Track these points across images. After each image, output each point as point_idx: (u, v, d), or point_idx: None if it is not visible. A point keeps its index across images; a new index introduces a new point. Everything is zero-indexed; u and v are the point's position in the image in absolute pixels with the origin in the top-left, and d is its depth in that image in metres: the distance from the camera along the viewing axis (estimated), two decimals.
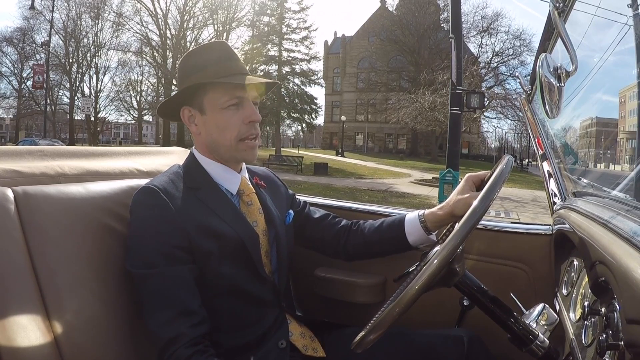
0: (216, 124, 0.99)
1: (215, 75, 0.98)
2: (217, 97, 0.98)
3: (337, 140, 41.92)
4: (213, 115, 0.99)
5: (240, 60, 1.04)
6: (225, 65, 1.00)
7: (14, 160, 1.02)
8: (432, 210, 1.07)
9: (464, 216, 0.73)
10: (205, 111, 1.00)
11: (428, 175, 20.23)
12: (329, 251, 1.19)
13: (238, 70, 1.01)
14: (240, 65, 1.03)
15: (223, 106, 0.98)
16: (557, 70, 0.98)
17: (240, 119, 0.99)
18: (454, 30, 7.29)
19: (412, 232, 1.08)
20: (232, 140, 0.99)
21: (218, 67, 0.99)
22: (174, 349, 0.85)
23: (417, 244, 1.09)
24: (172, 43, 33.24)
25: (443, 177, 7.29)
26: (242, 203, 1.04)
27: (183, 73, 1.03)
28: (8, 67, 35.01)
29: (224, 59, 1.00)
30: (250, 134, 1.00)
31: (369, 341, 0.72)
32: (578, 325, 0.79)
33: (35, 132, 41.38)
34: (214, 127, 1.00)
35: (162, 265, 0.89)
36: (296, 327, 1.06)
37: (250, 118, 0.99)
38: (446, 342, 1.03)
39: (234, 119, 0.99)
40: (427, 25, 36.75)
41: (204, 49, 1.03)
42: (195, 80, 0.99)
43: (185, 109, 1.03)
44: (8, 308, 0.79)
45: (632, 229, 0.67)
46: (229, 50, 1.03)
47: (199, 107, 1.01)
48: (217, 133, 1.00)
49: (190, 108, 1.02)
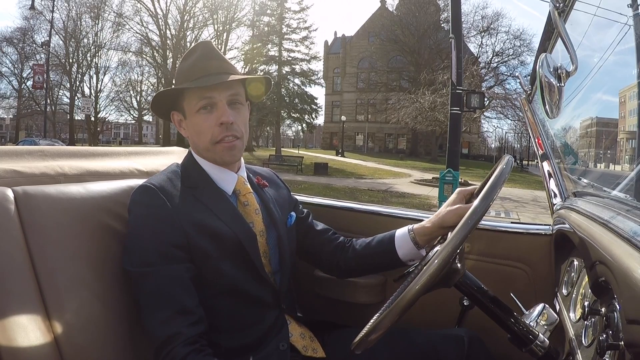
0: (194, 127, 1.00)
1: (190, 77, 0.98)
2: (189, 101, 0.99)
3: (337, 140, 41.90)
4: (191, 119, 1.00)
5: (222, 58, 1.01)
6: (198, 67, 0.98)
7: (14, 160, 1.02)
8: (422, 224, 1.06)
9: (465, 216, 0.73)
10: (186, 115, 1.01)
11: (428, 175, 20.22)
12: (325, 266, 1.19)
13: (210, 71, 0.98)
14: (218, 64, 0.99)
15: (195, 109, 0.98)
16: (557, 70, 0.97)
17: (212, 122, 0.97)
18: (454, 30, 7.29)
19: (402, 246, 1.07)
20: (207, 144, 0.99)
21: (191, 70, 0.98)
22: (170, 348, 0.85)
23: (407, 258, 1.08)
24: (172, 43, 33.26)
25: (443, 177, 7.29)
26: (239, 203, 1.04)
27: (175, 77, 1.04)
28: (8, 67, 35.04)
29: (198, 60, 0.99)
30: (225, 136, 0.98)
31: (369, 341, 0.72)
32: (578, 325, 0.79)
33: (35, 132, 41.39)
34: (193, 131, 1.01)
35: (159, 264, 0.89)
36: (296, 327, 1.06)
37: (220, 119, 0.96)
38: (446, 342, 1.03)
39: (207, 122, 0.97)
40: (427, 25, 36.73)
41: (190, 50, 1.03)
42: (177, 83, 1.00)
43: (174, 113, 1.04)
44: (8, 308, 0.79)
45: (632, 229, 0.66)
46: (208, 50, 1.01)
47: (182, 111, 1.02)
48: (196, 137, 1.01)
49: (177, 112, 1.04)
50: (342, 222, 1.41)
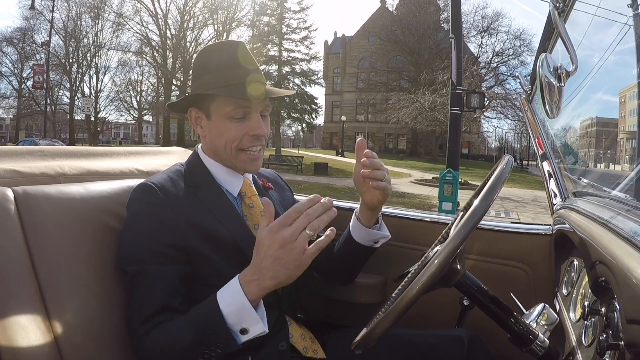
0: (219, 131, 0.98)
1: (223, 81, 0.96)
2: (223, 106, 0.96)
3: (337, 140, 41.91)
4: (217, 122, 0.98)
5: (255, 64, 1.00)
6: (236, 72, 0.96)
7: (14, 160, 1.02)
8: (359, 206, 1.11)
9: (465, 216, 0.73)
10: (211, 116, 0.99)
11: (428, 175, 20.21)
12: (320, 270, 1.20)
13: (246, 79, 0.96)
14: (249, 70, 0.98)
15: (227, 115, 0.96)
16: (557, 70, 0.98)
17: (244, 130, 0.97)
18: (454, 30, 7.30)
19: (355, 229, 1.11)
20: (232, 150, 0.98)
21: (227, 73, 0.96)
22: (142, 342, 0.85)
23: (362, 240, 1.10)
24: (172, 43, 33.25)
25: (443, 177, 7.28)
26: (244, 205, 1.04)
27: (195, 70, 1.01)
28: (8, 67, 35.03)
29: (234, 63, 0.97)
30: (253, 146, 0.98)
31: (369, 341, 0.72)
32: (578, 325, 0.79)
33: (36, 132, 41.38)
34: (217, 134, 0.99)
35: (149, 263, 0.89)
36: (296, 328, 1.06)
37: (255, 131, 0.97)
38: (446, 342, 1.03)
39: (238, 129, 0.96)
40: (427, 25, 36.74)
41: (219, 47, 1.01)
42: (203, 84, 0.97)
43: (192, 110, 1.02)
44: (8, 308, 0.79)
45: (632, 229, 0.66)
46: (243, 54, 0.99)
47: (206, 111, 1.00)
48: (220, 140, 0.99)
49: (198, 110, 1.01)
50: (342, 222, 1.41)
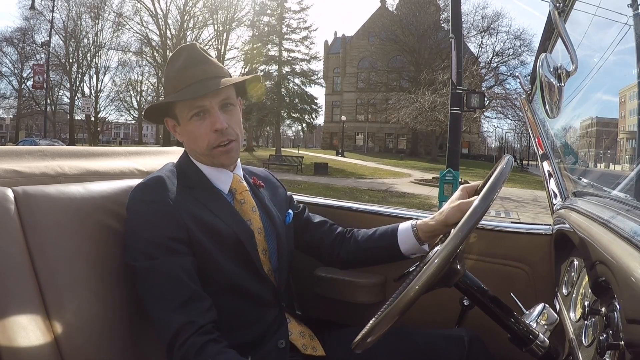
0: (188, 134, 1.01)
1: (179, 85, 0.98)
2: (181, 109, 0.99)
3: (337, 140, 41.92)
4: (184, 126, 1.01)
5: (208, 61, 1.00)
6: (186, 75, 0.98)
7: (14, 160, 1.02)
8: (425, 220, 1.06)
9: (465, 216, 0.73)
10: (180, 122, 1.02)
11: (428, 175, 20.21)
12: (325, 257, 1.19)
13: (198, 77, 0.97)
14: (201, 69, 0.98)
15: (188, 117, 0.98)
16: (557, 70, 0.98)
17: (207, 128, 0.97)
18: (454, 30, 7.29)
19: (405, 240, 1.07)
20: (204, 149, 1.00)
21: (181, 76, 0.98)
22: (185, 337, 0.83)
23: (409, 252, 1.08)
24: (172, 43, 33.21)
25: (443, 177, 7.28)
26: (236, 201, 1.05)
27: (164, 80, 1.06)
28: (8, 67, 35.07)
29: (186, 65, 0.99)
30: (221, 142, 0.99)
31: (369, 341, 0.72)
32: (578, 325, 0.79)
33: (36, 132, 41.41)
34: (188, 137, 1.02)
35: (162, 257, 0.89)
36: (295, 326, 1.06)
37: (214, 127, 0.97)
38: (446, 342, 1.03)
39: (202, 129, 0.98)
40: (427, 25, 36.74)
41: (174, 55, 1.02)
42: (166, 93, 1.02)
43: (167, 119, 1.05)
44: (8, 308, 0.79)
45: (632, 228, 0.66)
46: (193, 54, 1.00)
47: (175, 117, 1.02)
48: (192, 143, 1.02)
49: (170, 119, 1.04)
50: (342, 222, 1.41)
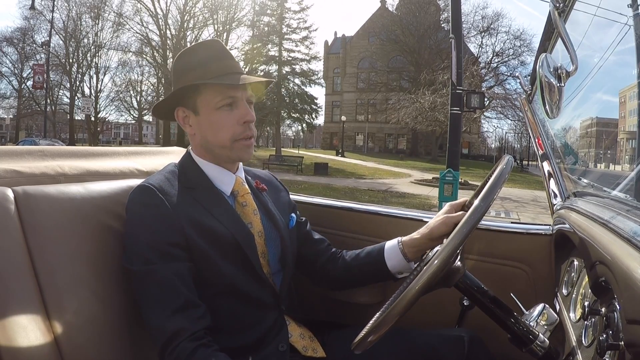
0: (210, 125, 0.99)
1: (207, 75, 0.97)
2: (210, 98, 0.97)
3: (337, 141, 41.90)
4: (207, 116, 0.98)
5: (234, 58, 1.03)
6: (218, 65, 0.98)
7: (14, 160, 1.02)
8: (410, 236, 1.05)
9: (465, 216, 0.73)
10: (199, 112, 0.99)
11: (428, 175, 20.21)
12: (316, 276, 1.18)
13: (231, 69, 0.99)
14: (233, 63, 1.01)
15: (216, 107, 0.97)
16: (557, 70, 0.97)
17: (234, 120, 0.98)
18: (454, 30, 7.30)
19: (391, 257, 1.06)
20: (226, 141, 0.99)
21: (210, 67, 0.98)
22: (176, 343, 0.84)
23: (396, 270, 1.07)
24: (172, 43, 33.23)
25: (443, 177, 7.29)
26: (237, 204, 1.04)
27: (176, 72, 1.02)
28: (8, 67, 35.01)
29: (215, 57, 0.99)
30: (245, 135, 0.99)
31: (369, 341, 0.72)
32: (578, 325, 0.79)
33: (36, 132, 41.39)
34: (208, 128, 0.99)
35: (159, 262, 0.89)
36: (295, 328, 1.06)
37: (245, 118, 0.98)
38: (446, 342, 1.03)
39: (229, 119, 0.97)
40: (427, 25, 36.72)
41: (197, 47, 1.02)
42: (188, 81, 0.98)
43: (179, 109, 1.02)
44: (8, 308, 0.79)
45: (632, 229, 0.66)
46: (222, 49, 1.02)
47: (193, 107, 1.00)
48: (212, 134, 0.99)
49: (184, 109, 1.02)
50: (341, 222, 1.41)
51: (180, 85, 0.99)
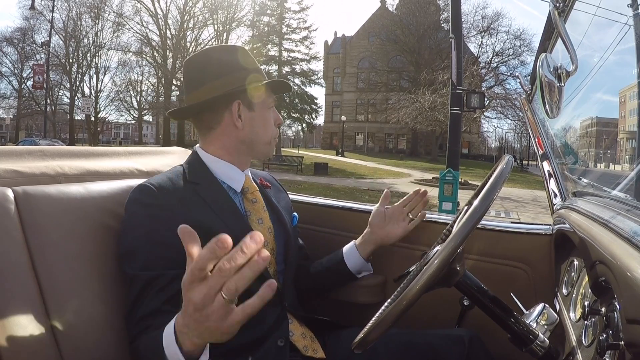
0: (263, 121, 1.06)
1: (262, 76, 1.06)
2: (265, 98, 1.05)
3: (337, 140, 41.91)
4: (261, 113, 1.05)
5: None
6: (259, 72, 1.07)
7: (14, 160, 1.02)
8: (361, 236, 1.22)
9: (465, 216, 0.73)
10: (254, 108, 1.03)
11: (428, 175, 20.23)
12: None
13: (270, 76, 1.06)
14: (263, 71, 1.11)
15: (268, 106, 1.06)
16: (557, 70, 0.97)
17: (274, 121, 1.08)
18: (454, 30, 7.30)
19: (349, 257, 1.20)
20: (270, 138, 1.08)
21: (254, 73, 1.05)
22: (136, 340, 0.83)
23: (356, 269, 1.21)
24: (172, 43, 33.25)
25: (443, 177, 7.27)
26: (247, 201, 1.05)
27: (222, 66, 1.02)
28: (8, 67, 35.02)
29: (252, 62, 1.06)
30: (276, 135, 1.11)
31: (369, 341, 0.72)
32: (578, 325, 0.79)
33: (36, 132, 41.40)
34: (261, 124, 1.05)
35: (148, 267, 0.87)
36: (297, 327, 1.06)
37: (279, 121, 1.10)
38: (446, 342, 1.03)
39: (271, 120, 1.08)
40: (427, 25, 36.74)
41: (232, 48, 1.06)
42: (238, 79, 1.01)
43: (236, 103, 1.02)
44: (8, 308, 0.79)
45: (632, 228, 0.66)
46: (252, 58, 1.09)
47: (249, 103, 1.03)
48: (262, 130, 1.06)
49: (242, 103, 1.03)
50: (342, 222, 1.41)
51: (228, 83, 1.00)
